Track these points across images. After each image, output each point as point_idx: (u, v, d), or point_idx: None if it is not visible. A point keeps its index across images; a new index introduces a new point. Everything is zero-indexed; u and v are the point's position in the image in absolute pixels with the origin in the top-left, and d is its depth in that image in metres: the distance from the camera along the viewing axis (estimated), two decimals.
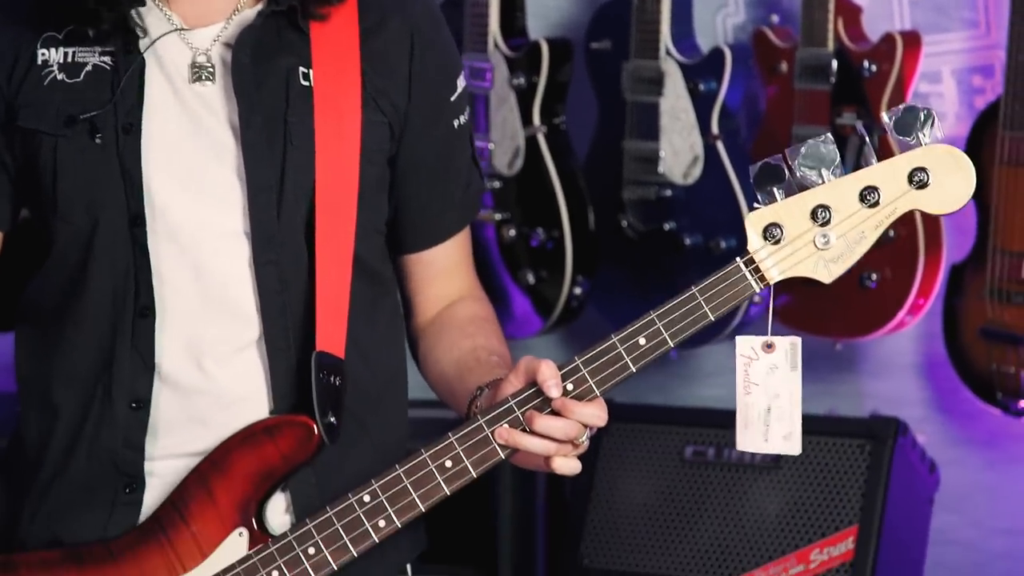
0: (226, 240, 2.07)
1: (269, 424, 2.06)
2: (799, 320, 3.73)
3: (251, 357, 2.09)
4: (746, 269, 2.00)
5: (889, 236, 3.56)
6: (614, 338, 2.02)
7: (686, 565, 3.49)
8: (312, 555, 2.04)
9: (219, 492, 2.05)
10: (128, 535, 2.07)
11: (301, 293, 2.08)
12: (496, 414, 2.02)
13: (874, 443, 3.44)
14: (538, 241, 3.80)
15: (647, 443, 3.60)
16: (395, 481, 2.03)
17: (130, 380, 2.07)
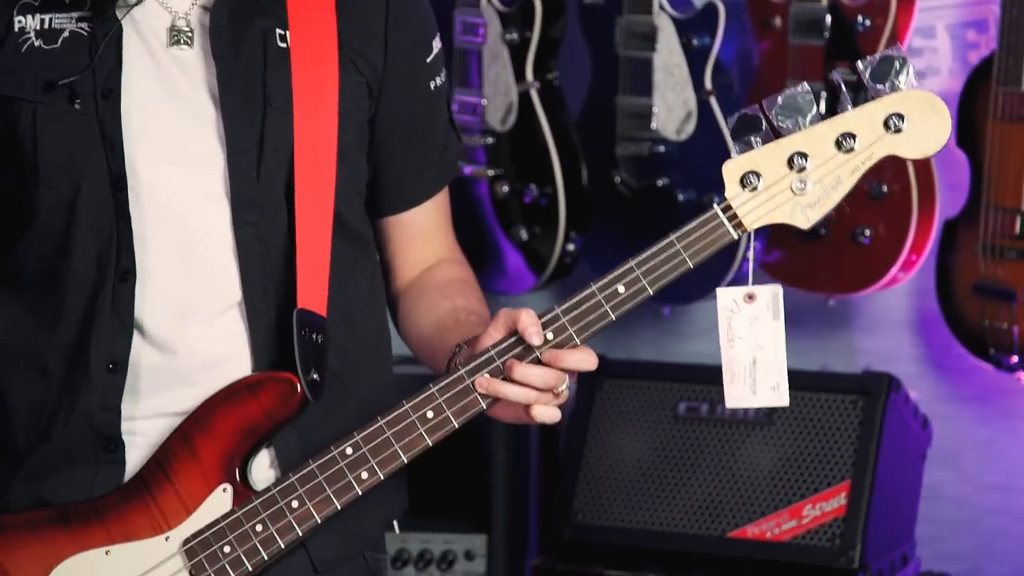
0: (206, 202, 2.07)
1: (252, 381, 2.07)
2: (792, 276, 3.73)
3: (233, 318, 2.09)
4: (723, 216, 2.01)
5: (883, 191, 3.61)
6: (593, 286, 2.03)
7: (679, 521, 3.50)
8: (296, 508, 2.05)
9: (202, 449, 2.06)
10: (113, 494, 2.08)
11: (281, 254, 2.09)
12: (476, 364, 2.03)
13: (867, 399, 3.44)
14: (531, 197, 3.79)
15: (640, 399, 3.60)
16: (377, 433, 2.04)
17: (108, 343, 2.07)
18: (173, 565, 2.05)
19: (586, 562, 3.52)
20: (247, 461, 2.07)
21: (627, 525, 3.53)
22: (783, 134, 1.99)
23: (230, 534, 2.04)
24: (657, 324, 4.03)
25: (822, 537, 3.39)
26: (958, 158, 3.59)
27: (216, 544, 2.04)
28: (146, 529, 2.06)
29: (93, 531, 2.06)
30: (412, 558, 3.67)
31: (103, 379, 2.08)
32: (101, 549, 2.06)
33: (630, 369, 3.66)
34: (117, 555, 2.06)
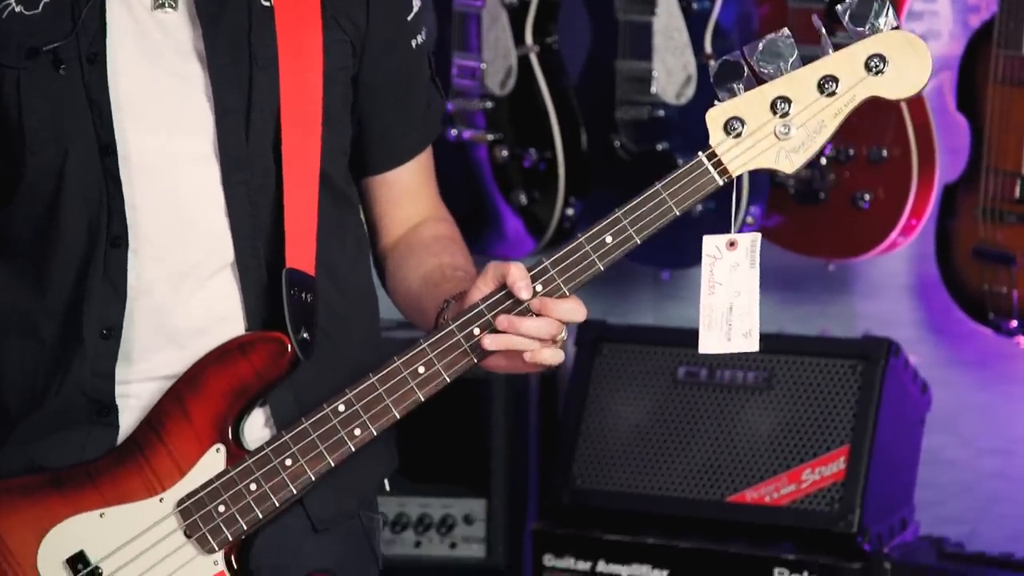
0: (196, 165, 2.07)
1: (243, 341, 2.07)
2: (792, 241, 3.73)
3: (225, 279, 2.09)
4: (708, 163, 2.03)
5: (883, 156, 3.60)
6: (581, 237, 2.04)
7: (678, 485, 3.50)
8: (289, 466, 2.05)
9: (195, 410, 2.06)
10: (106, 457, 2.08)
11: (270, 214, 2.09)
12: (466, 319, 2.03)
13: (866, 364, 3.44)
14: (530, 162, 3.79)
15: (640, 363, 3.61)
16: (369, 389, 2.05)
17: (100, 309, 2.07)
18: (167, 526, 2.06)
19: (585, 526, 3.53)
20: (240, 421, 2.07)
21: (626, 490, 3.53)
22: (765, 80, 2.00)
23: (224, 493, 2.05)
24: (656, 289, 4.03)
25: (821, 501, 3.40)
26: (958, 122, 3.58)
27: (210, 504, 2.05)
28: (140, 491, 2.06)
29: (87, 494, 2.07)
30: (411, 522, 3.67)
31: (96, 345, 2.08)
32: (95, 512, 2.07)
33: (629, 334, 3.66)
34: (111, 517, 2.06)
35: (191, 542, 2.06)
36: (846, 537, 3.35)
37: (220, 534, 2.05)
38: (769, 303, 3.97)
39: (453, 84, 3.81)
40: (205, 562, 2.06)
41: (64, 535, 2.07)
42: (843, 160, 3.61)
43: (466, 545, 3.67)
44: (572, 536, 3.52)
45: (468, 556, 3.67)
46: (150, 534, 2.06)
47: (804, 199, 3.66)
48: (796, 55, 2.00)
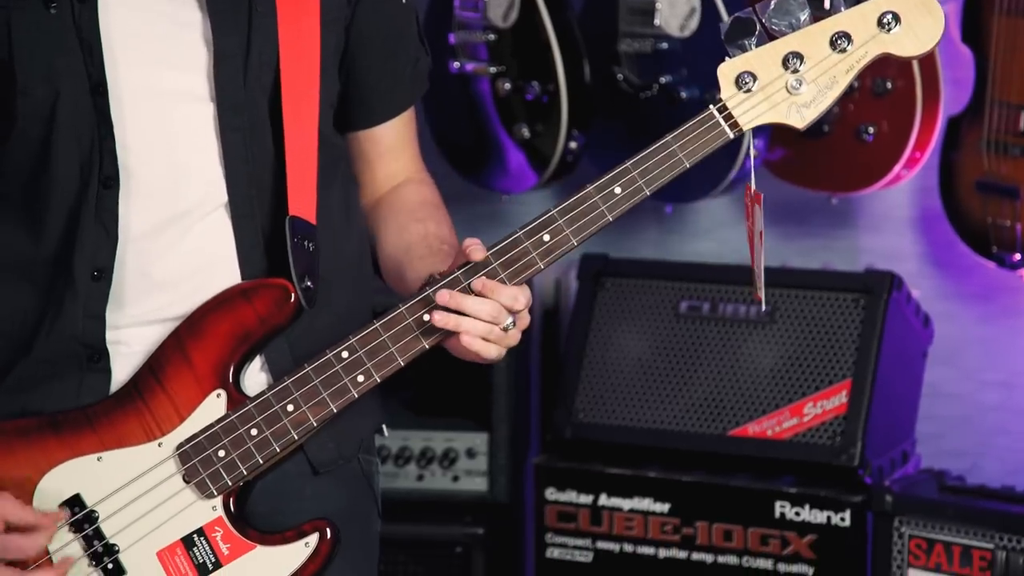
0: (190, 104, 2.06)
1: (246, 287, 2.06)
2: (795, 174, 3.72)
3: (217, 223, 2.08)
4: (719, 116, 2.03)
5: (887, 88, 3.58)
6: (590, 187, 2.04)
7: (680, 419, 3.51)
8: (291, 412, 2.05)
9: (195, 355, 2.06)
10: (105, 401, 2.08)
11: (267, 162, 2.08)
12: (471, 267, 2.03)
13: (868, 297, 3.44)
14: (533, 94, 3.77)
15: (642, 298, 3.60)
16: (373, 335, 2.04)
17: (92, 250, 2.06)
18: (166, 470, 2.06)
19: (587, 460, 3.54)
20: (240, 368, 2.07)
21: (628, 424, 3.54)
22: (777, 36, 2.01)
23: (224, 438, 2.05)
24: (659, 223, 4.02)
25: (823, 435, 3.40)
26: (963, 53, 3.56)
27: (210, 448, 2.05)
28: (138, 435, 2.06)
29: (84, 438, 2.06)
30: (414, 456, 3.68)
31: (87, 287, 2.07)
32: (93, 455, 2.06)
33: (631, 268, 3.66)
34: (109, 461, 2.06)
35: (190, 487, 2.06)
36: (847, 470, 3.36)
37: (220, 479, 2.05)
38: (772, 237, 3.98)
39: (456, 16, 3.78)
40: (203, 507, 2.06)
41: (61, 478, 2.06)
42: (847, 92, 3.58)
43: (468, 479, 3.68)
44: (574, 470, 3.53)
45: (470, 490, 3.68)
46: (148, 478, 2.06)
47: (808, 132, 3.62)
48: (808, 12, 2.01)
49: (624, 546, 3.50)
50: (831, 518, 3.35)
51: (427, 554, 3.64)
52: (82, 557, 2.07)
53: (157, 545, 2.06)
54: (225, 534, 2.06)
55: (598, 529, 3.51)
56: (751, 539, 3.41)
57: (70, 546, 2.07)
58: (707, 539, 3.44)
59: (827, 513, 3.35)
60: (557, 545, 3.55)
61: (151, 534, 2.06)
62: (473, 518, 3.66)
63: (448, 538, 3.64)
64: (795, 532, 3.38)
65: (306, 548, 2.05)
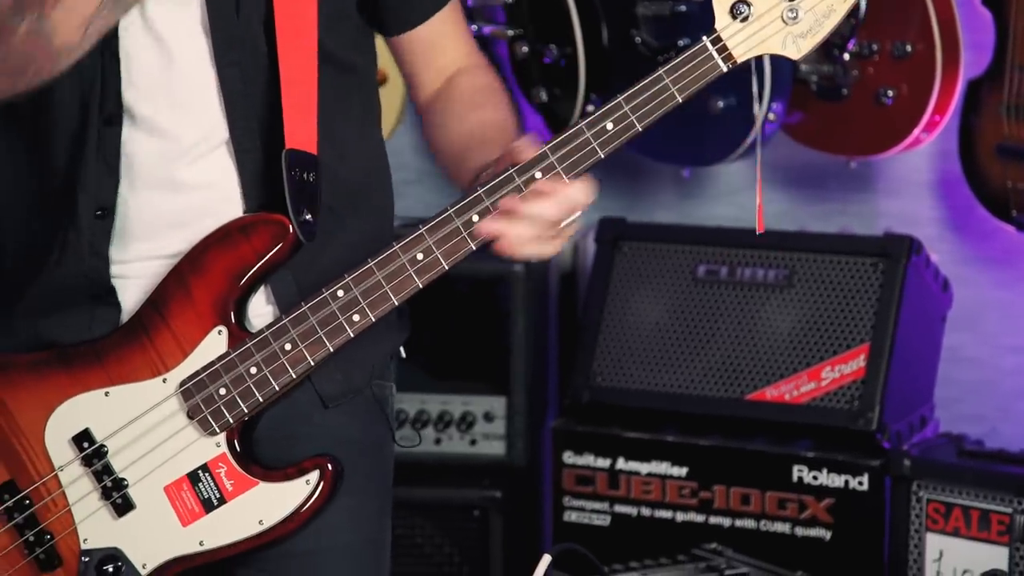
0: (188, 39, 2.05)
1: (245, 223, 2.07)
2: (814, 138, 3.71)
3: (220, 158, 2.08)
4: (712, 48, 1.99)
5: (906, 51, 3.56)
6: (581, 123, 2.01)
7: (698, 383, 3.50)
8: (289, 351, 2.06)
9: (197, 291, 2.07)
10: (112, 336, 2.09)
11: (265, 93, 2.07)
12: (464, 203, 2.02)
13: (887, 261, 3.43)
14: (551, 58, 3.76)
15: (659, 262, 3.60)
16: (367, 274, 2.04)
17: (95, 188, 2.07)
18: (170, 407, 2.08)
19: (604, 424, 3.54)
20: (242, 303, 2.07)
21: (646, 387, 3.54)
22: None
23: (225, 376, 2.06)
24: (677, 187, 4.01)
25: (840, 399, 3.40)
26: (983, 16, 3.54)
27: (212, 386, 2.06)
28: (144, 371, 2.08)
29: (93, 373, 2.08)
30: (432, 420, 3.69)
31: (91, 225, 2.08)
32: (100, 390, 2.08)
33: (649, 232, 3.65)
34: (116, 396, 2.08)
35: (193, 424, 2.07)
36: (865, 435, 3.36)
37: (221, 417, 2.07)
38: (790, 200, 3.97)
39: None
40: (207, 444, 2.08)
41: (70, 412, 2.09)
42: (867, 55, 3.57)
43: (486, 442, 3.69)
44: (592, 434, 3.54)
45: (488, 453, 3.68)
46: (153, 414, 2.08)
47: (826, 95, 3.63)
48: None
49: (641, 510, 3.50)
50: (849, 482, 3.35)
51: (445, 518, 3.65)
52: (92, 491, 2.09)
53: (164, 480, 2.08)
54: (229, 470, 2.07)
55: (616, 493, 3.52)
56: (768, 503, 3.41)
57: (80, 480, 2.09)
58: (724, 503, 3.44)
59: (845, 477, 3.35)
60: (575, 509, 3.55)
61: (158, 469, 2.08)
62: (491, 482, 3.66)
63: (466, 502, 3.65)
64: (813, 496, 3.38)
65: (307, 485, 2.07)
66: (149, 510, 2.08)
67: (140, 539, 2.09)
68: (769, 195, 3.94)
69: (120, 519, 2.09)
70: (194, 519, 2.08)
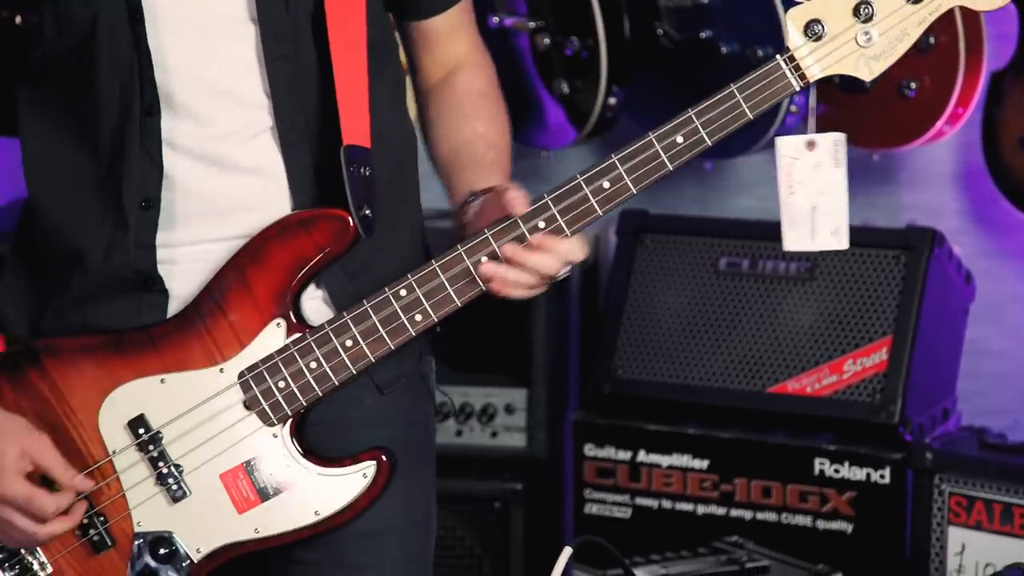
0: (231, 26, 2.05)
1: (305, 217, 2.08)
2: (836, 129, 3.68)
3: (265, 143, 2.09)
4: (787, 67, 2.00)
5: (929, 43, 3.55)
6: (651, 136, 2.02)
7: (719, 376, 3.50)
8: (350, 347, 2.07)
9: (256, 282, 2.08)
10: (167, 323, 2.10)
11: (315, 88, 2.07)
12: (534, 209, 2.04)
13: (910, 254, 3.42)
14: (572, 50, 3.75)
15: (681, 254, 3.59)
16: (431, 276, 2.05)
17: (139, 179, 2.08)
18: (228, 397, 2.09)
19: (626, 416, 3.54)
20: (298, 296, 2.08)
21: (667, 380, 3.54)
22: None
23: (284, 369, 2.07)
24: (699, 179, 4.00)
25: (862, 392, 3.39)
26: (1007, 8, 3.52)
27: (271, 379, 2.08)
28: (200, 359, 2.09)
29: (148, 359, 2.09)
30: (453, 412, 3.69)
31: (137, 216, 2.09)
32: (156, 377, 2.09)
33: (671, 224, 3.65)
34: (172, 383, 2.09)
35: (252, 415, 2.09)
36: (887, 428, 3.35)
37: (280, 409, 2.08)
38: None
39: None
40: (265, 434, 2.09)
41: (125, 398, 2.10)
42: None
43: (507, 434, 3.69)
44: (613, 426, 3.53)
45: (509, 445, 3.68)
46: (211, 404, 2.09)
47: (849, 88, 3.62)
48: None
49: (662, 502, 3.50)
50: (871, 475, 3.35)
51: (466, 509, 3.65)
52: (147, 477, 2.10)
53: (220, 468, 2.10)
54: (286, 460, 2.08)
55: (636, 485, 3.51)
56: (790, 496, 3.41)
57: (136, 466, 2.10)
58: (746, 496, 3.44)
59: (867, 470, 3.35)
60: (595, 501, 3.55)
61: (215, 458, 2.10)
62: (512, 474, 3.66)
63: (487, 493, 3.65)
64: (834, 489, 3.37)
65: (364, 479, 2.09)
66: (204, 497, 2.10)
67: (194, 524, 2.10)
68: None
69: (175, 504, 2.10)
70: (249, 507, 2.10)
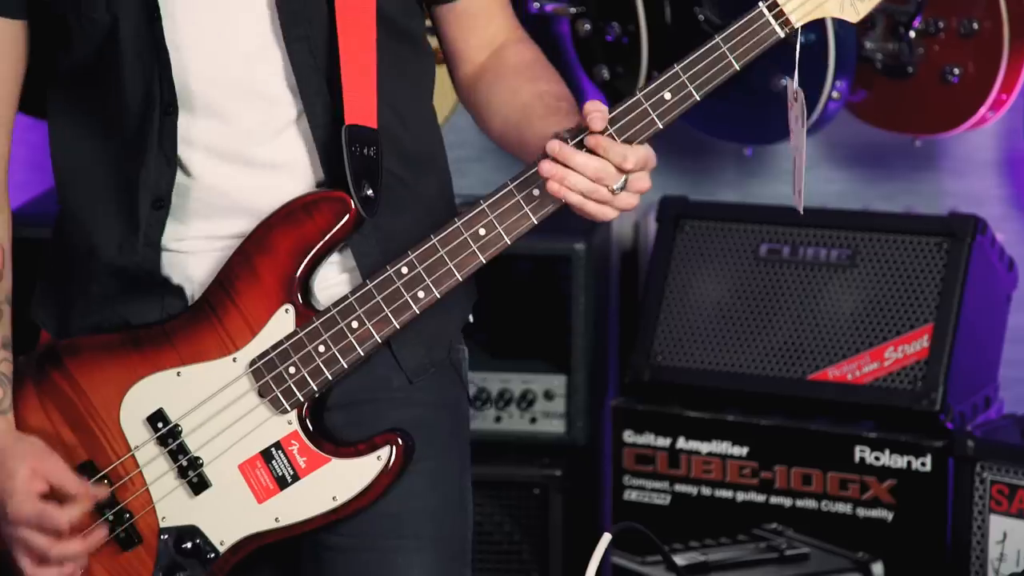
0: (249, 14, 2.05)
1: (307, 200, 2.08)
2: (878, 116, 3.68)
3: (292, 135, 2.08)
4: (769, 14, 1.98)
5: (973, 28, 3.52)
6: (639, 94, 1.99)
7: (759, 363, 3.49)
8: (356, 328, 2.07)
9: (263, 270, 2.08)
10: (181, 316, 2.12)
11: (327, 66, 2.06)
12: (526, 178, 2.01)
13: (952, 241, 3.40)
14: (613, 35, 3.74)
15: (721, 241, 3.58)
16: (431, 251, 2.04)
17: (155, 178, 2.08)
18: (241, 386, 2.09)
19: (665, 403, 3.53)
20: (307, 281, 2.08)
21: (707, 367, 3.53)
22: None
23: (294, 355, 2.08)
24: (739, 165, 3.99)
25: (904, 380, 3.38)
26: None
27: (281, 365, 2.08)
28: (213, 350, 2.10)
29: (164, 353, 2.11)
30: (492, 398, 3.69)
31: (148, 215, 2.09)
32: (172, 370, 2.11)
33: (711, 210, 3.63)
34: (188, 376, 2.10)
35: (264, 402, 2.09)
36: (928, 415, 3.34)
37: (292, 396, 2.08)
38: (854, 179, 3.94)
39: None
40: (279, 422, 2.10)
41: (143, 393, 2.12)
42: (933, 33, 3.54)
43: (546, 421, 3.68)
44: (652, 413, 3.53)
45: (548, 432, 3.68)
46: (225, 394, 2.10)
47: (891, 73, 3.60)
48: None
49: (702, 489, 3.49)
50: (911, 463, 3.33)
51: (505, 496, 3.65)
52: (168, 471, 2.11)
53: (238, 459, 2.11)
54: (301, 447, 2.10)
55: (676, 472, 3.51)
56: (830, 483, 3.40)
57: (156, 460, 2.11)
58: (785, 483, 3.43)
59: (907, 458, 3.33)
60: (635, 487, 3.55)
61: (232, 448, 2.11)
62: (551, 460, 3.66)
63: (526, 480, 3.65)
64: (875, 477, 3.36)
65: (378, 461, 2.09)
66: (225, 488, 2.11)
67: (217, 516, 2.11)
68: (832, 174, 3.92)
69: (196, 497, 2.11)
70: (269, 496, 2.10)
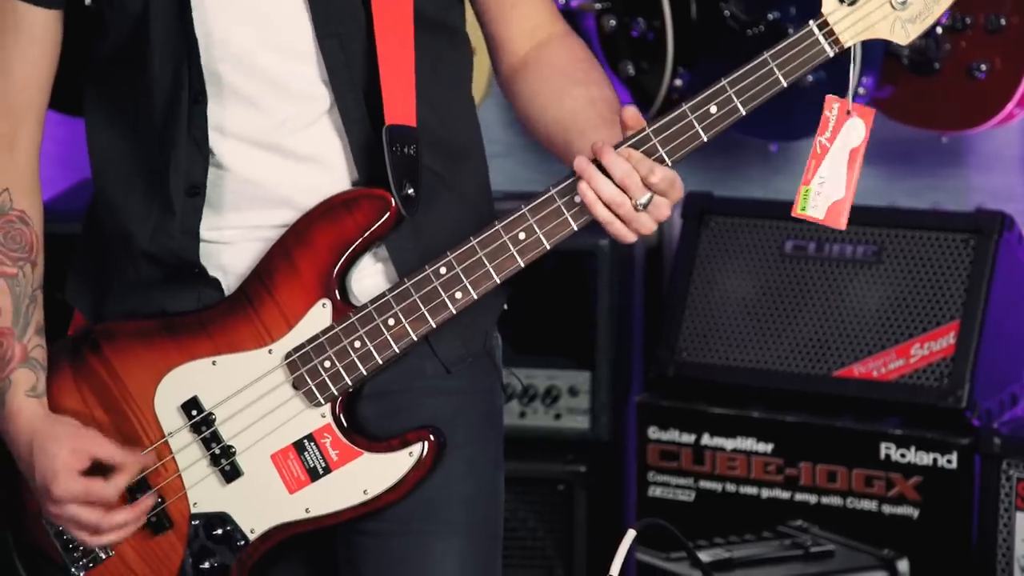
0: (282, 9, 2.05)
1: (347, 197, 2.08)
2: (905, 112, 3.67)
3: (324, 128, 2.09)
4: (819, 32, 1.97)
5: (1000, 24, 3.51)
6: (685, 106, 1.99)
7: (785, 359, 3.48)
8: (392, 326, 2.08)
9: (302, 264, 2.09)
10: (218, 307, 2.12)
11: (364, 64, 2.06)
12: (566, 185, 2.02)
13: (978, 237, 3.39)
14: (639, 31, 3.74)
15: (747, 237, 3.58)
16: (470, 253, 2.05)
17: (187, 166, 2.09)
18: (276, 377, 2.10)
19: (690, 399, 3.53)
20: (344, 276, 2.08)
21: (732, 363, 3.53)
22: None
23: (329, 349, 2.09)
24: (765, 161, 3.98)
25: (930, 376, 3.37)
26: None
27: (316, 359, 2.09)
28: (249, 341, 2.10)
29: (200, 342, 2.12)
30: (517, 393, 3.69)
31: (183, 203, 2.10)
32: (208, 359, 2.12)
33: (737, 207, 3.63)
34: (223, 365, 2.11)
35: (299, 395, 2.10)
36: (955, 412, 3.33)
37: (327, 389, 2.09)
38: (880, 176, 3.93)
39: None
40: (312, 414, 2.11)
41: (178, 380, 2.13)
42: (959, 29, 3.53)
43: (571, 416, 3.68)
44: (677, 409, 3.53)
45: (572, 427, 3.68)
46: (259, 385, 2.11)
47: (918, 69, 3.59)
48: None
49: (726, 486, 3.49)
50: (937, 460, 3.32)
51: (529, 491, 3.65)
52: (201, 458, 2.12)
53: (271, 449, 2.12)
54: (334, 440, 2.11)
55: (700, 468, 3.51)
56: (855, 480, 3.39)
57: (189, 447, 2.12)
58: (811, 480, 3.42)
59: (933, 455, 3.32)
60: (659, 484, 3.55)
61: (265, 438, 2.12)
62: (575, 456, 3.66)
63: (550, 475, 3.65)
64: (900, 474, 3.35)
65: (410, 457, 2.10)
66: (256, 477, 2.12)
67: (248, 505, 2.13)
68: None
69: (228, 485, 2.13)
70: (300, 487, 2.11)
